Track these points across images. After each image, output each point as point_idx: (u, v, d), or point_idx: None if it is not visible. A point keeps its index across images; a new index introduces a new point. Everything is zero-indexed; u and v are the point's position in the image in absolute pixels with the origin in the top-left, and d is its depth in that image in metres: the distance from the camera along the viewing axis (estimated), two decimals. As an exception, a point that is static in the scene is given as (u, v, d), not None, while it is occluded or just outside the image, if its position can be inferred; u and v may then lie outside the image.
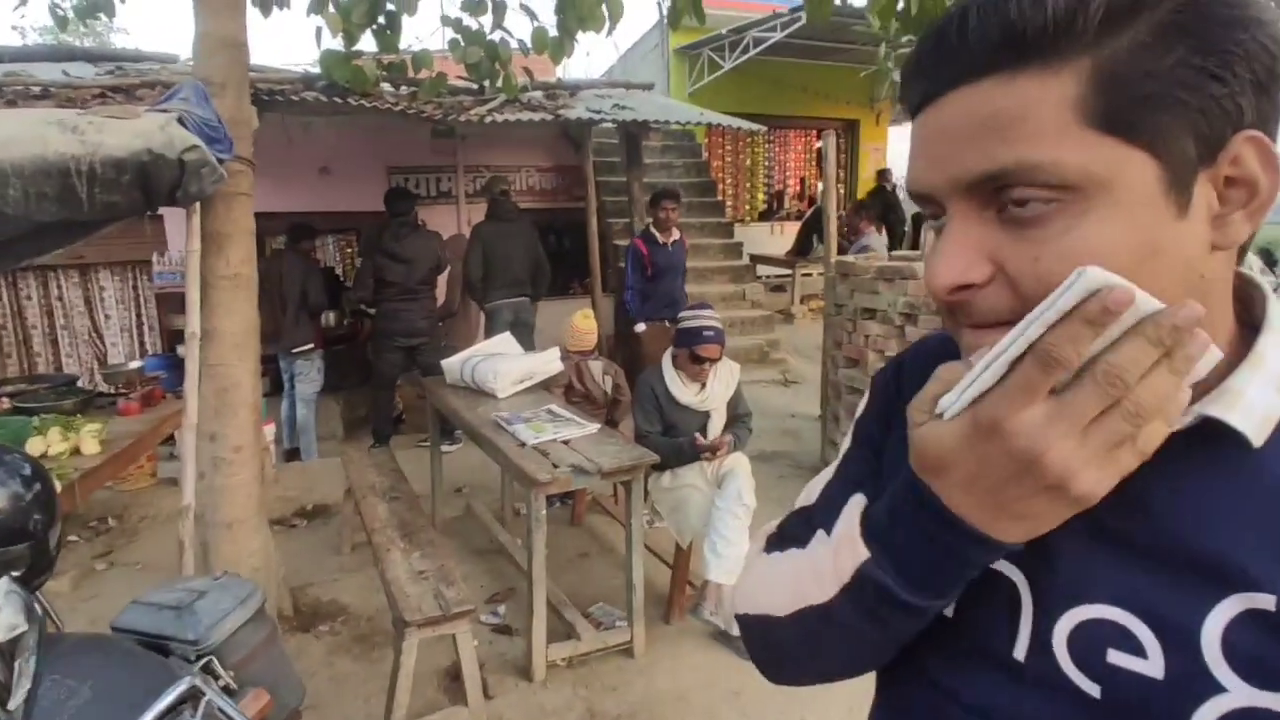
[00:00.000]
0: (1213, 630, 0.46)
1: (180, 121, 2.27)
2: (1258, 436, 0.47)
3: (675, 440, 3.01)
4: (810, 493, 0.74)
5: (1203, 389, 0.48)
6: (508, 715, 2.51)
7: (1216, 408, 0.47)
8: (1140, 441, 0.42)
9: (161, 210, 4.03)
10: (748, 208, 10.14)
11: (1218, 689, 0.45)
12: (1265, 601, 0.44)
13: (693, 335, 3.03)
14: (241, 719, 1.29)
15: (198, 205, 2.49)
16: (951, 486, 0.47)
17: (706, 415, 3.13)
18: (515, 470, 2.72)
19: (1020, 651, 0.53)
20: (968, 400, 0.45)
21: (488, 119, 4.69)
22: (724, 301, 7.41)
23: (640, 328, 5.05)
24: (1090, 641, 0.50)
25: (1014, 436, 0.42)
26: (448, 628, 2.31)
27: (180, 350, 4.64)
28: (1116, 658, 0.49)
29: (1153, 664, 0.47)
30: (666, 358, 3.20)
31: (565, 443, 2.83)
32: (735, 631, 2.17)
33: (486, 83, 4.61)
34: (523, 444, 2.81)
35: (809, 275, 8.63)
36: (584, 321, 4.01)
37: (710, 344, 3.01)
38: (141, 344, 6.27)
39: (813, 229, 8.15)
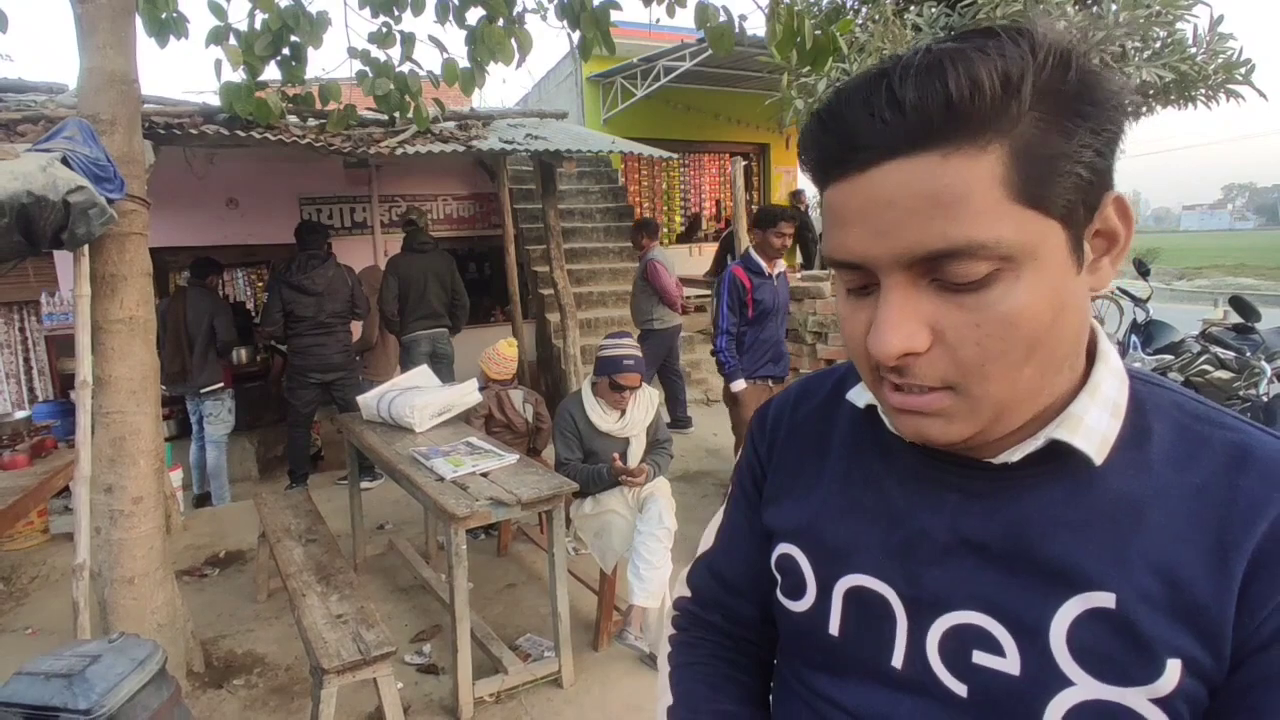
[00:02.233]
0: (1059, 629, 0.51)
1: (64, 161, 2.18)
2: (1098, 455, 0.53)
3: (594, 467, 3.03)
4: (708, 536, 0.84)
5: (1050, 414, 0.54)
6: (434, 758, 2.46)
7: (1061, 431, 0.53)
8: None
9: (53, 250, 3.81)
10: (665, 230, 10.32)
11: (1066, 683, 0.51)
12: (1105, 599, 0.50)
13: (612, 364, 3.06)
14: (140, 789, 1.24)
15: (86, 248, 2.38)
16: None
17: (626, 442, 3.16)
18: (434, 506, 2.69)
19: (898, 660, 0.59)
20: None
21: (399, 151, 4.65)
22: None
23: (739, 385, 3.86)
24: (958, 645, 0.56)
25: None
26: (368, 672, 2.25)
27: (74, 395, 4.38)
28: (980, 658, 0.54)
29: (1010, 662, 0.53)
30: (586, 384, 3.23)
31: (484, 475, 2.81)
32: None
33: (397, 114, 4.58)
34: (441, 478, 2.78)
35: (728, 295, 8.81)
36: (509, 349, 4.00)
37: (630, 373, 3.05)
38: (30, 389, 5.89)
39: (728, 250, 8.35)
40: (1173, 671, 0.48)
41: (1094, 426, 0.53)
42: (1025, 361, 0.49)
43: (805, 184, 11.07)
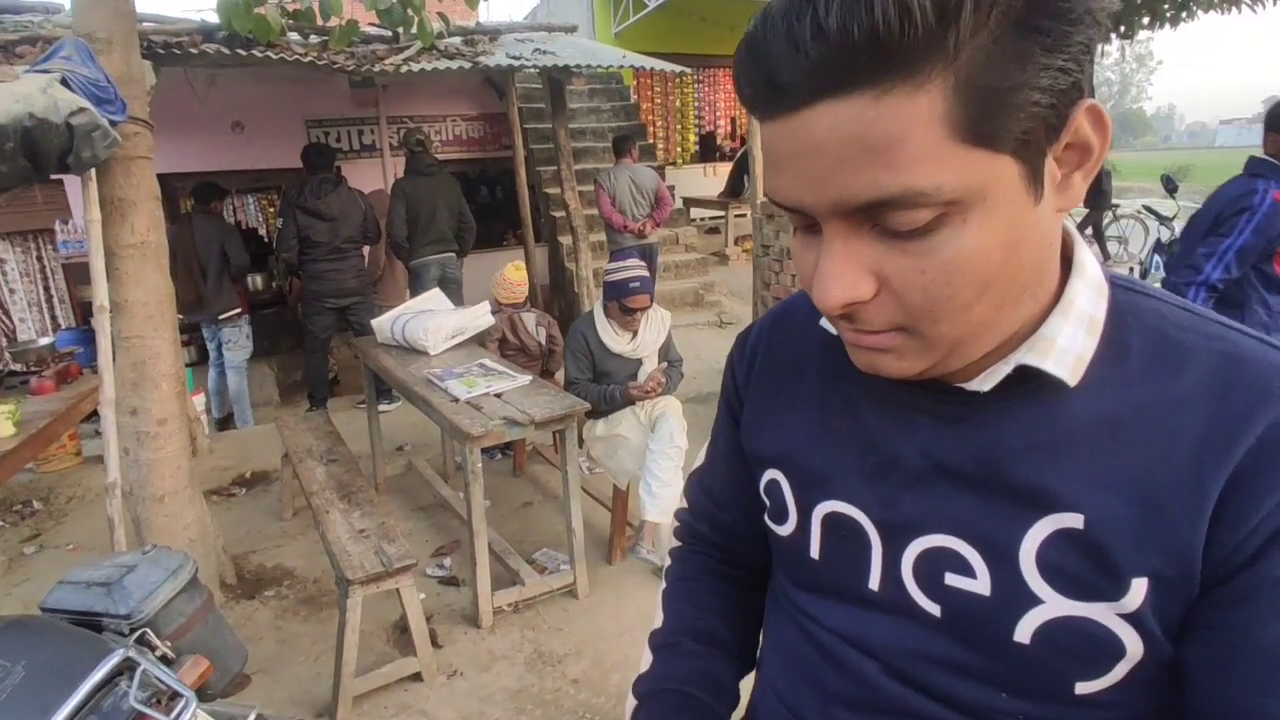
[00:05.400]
0: (1029, 549, 0.52)
1: (64, 83, 2.15)
2: (1072, 377, 0.52)
3: (606, 387, 3.07)
4: (703, 453, 0.87)
5: (1022, 335, 0.52)
6: (457, 662, 2.59)
7: (1031, 356, 0.52)
8: None
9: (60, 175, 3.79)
10: (679, 150, 10.07)
11: (1035, 601, 0.51)
12: (1074, 520, 0.50)
13: (620, 288, 3.06)
14: (179, 686, 1.31)
15: (93, 172, 2.37)
16: None
17: (639, 363, 3.19)
18: (449, 425, 2.75)
19: (874, 583, 0.61)
20: None
21: (403, 69, 4.52)
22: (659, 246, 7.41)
23: None
24: (931, 567, 0.57)
25: None
26: (391, 583, 2.35)
27: (94, 322, 4.45)
28: (952, 579, 0.55)
29: (981, 583, 0.54)
30: (598, 306, 3.23)
31: (498, 396, 2.86)
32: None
33: (400, 30, 4.44)
34: (455, 399, 2.83)
35: (742, 216, 8.68)
36: (515, 273, 4.00)
37: (638, 295, 3.04)
38: (52, 318, 5.97)
39: (743, 169, 8.16)
40: (1138, 589, 0.48)
41: (1067, 347, 0.51)
42: (976, 302, 0.47)
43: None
